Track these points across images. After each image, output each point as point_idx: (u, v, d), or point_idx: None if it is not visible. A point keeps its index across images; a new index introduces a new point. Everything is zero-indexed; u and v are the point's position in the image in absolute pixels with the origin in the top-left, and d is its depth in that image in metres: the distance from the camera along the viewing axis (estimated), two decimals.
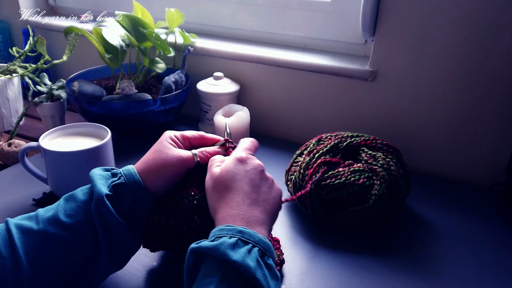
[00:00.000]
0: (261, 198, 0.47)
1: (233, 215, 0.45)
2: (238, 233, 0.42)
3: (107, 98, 0.87)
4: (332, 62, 0.86)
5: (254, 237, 0.42)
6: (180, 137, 0.55)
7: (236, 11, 1.02)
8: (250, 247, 0.41)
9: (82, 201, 0.48)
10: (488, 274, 0.58)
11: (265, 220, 0.46)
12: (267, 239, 0.44)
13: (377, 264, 0.59)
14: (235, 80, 0.97)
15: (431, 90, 0.78)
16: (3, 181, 0.77)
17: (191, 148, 0.56)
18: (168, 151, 0.52)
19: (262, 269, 0.40)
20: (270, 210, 0.48)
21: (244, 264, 0.39)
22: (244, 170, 0.48)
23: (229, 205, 0.46)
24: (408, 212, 0.71)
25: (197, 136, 0.56)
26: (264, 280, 0.40)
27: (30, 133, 0.98)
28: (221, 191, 0.47)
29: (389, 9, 0.76)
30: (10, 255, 0.44)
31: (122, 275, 0.56)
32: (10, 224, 0.46)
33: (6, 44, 1.29)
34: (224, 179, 0.48)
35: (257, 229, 0.44)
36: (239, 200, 0.46)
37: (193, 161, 0.52)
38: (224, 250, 0.40)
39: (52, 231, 0.46)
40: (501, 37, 0.70)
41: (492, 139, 0.76)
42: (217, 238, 0.42)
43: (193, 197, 0.52)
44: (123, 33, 0.88)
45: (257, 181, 0.48)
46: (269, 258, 0.43)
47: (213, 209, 0.48)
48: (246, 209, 0.45)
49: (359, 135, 0.70)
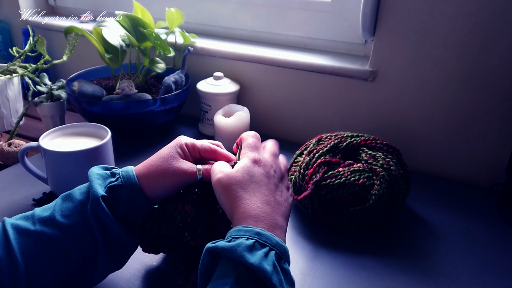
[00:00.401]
0: (278, 202, 0.47)
1: (252, 216, 0.44)
2: (255, 235, 0.41)
3: (107, 98, 0.87)
4: (332, 62, 0.86)
5: (272, 240, 0.42)
6: (190, 147, 0.53)
7: (236, 11, 1.02)
8: (267, 250, 0.41)
9: (79, 201, 0.48)
10: (488, 274, 0.58)
11: (283, 223, 0.46)
12: (284, 243, 0.43)
13: (377, 264, 0.59)
14: (235, 80, 0.97)
15: (431, 90, 0.78)
16: (3, 181, 0.77)
17: (201, 159, 0.54)
18: (172, 162, 0.50)
19: (278, 274, 0.40)
20: (286, 214, 0.47)
21: (261, 268, 0.39)
22: (260, 173, 0.48)
23: (249, 206, 0.45)
24: (408, 212, 0.71)
25: (208, 150, 0.53)
26: (280, 286, 0.39)
27: (30, 133, 0.98)
28: (237, 190, 0.46)
29: (389, 9, 0.76)
30: (6, 256, 0.43)
31: (122, 275, 0.56)
32: (6, 225, 0.46)
33: (6, 44, 1.29)
34: (241, 180, 0.47)
35: (275, 232, 0.44)
36: (257, 202, 0.45)
37: (195, 177, 0.51)
38: (241, 252, 0.39)
39: (49, 231, 0.45)
40: (501, 37, 0.70)
41: (492, 139, 0.76)
42: (234, 239, 0.41)
43: (186, 213, 0.51)
44: (123, 33, 0.88)
45: (276, 184, 0.49)
46: (285, 263, 0.42)
47: (229, 208, 0.47)
48: (266, 211, 0.45)
49: (359, 135, 0.70)
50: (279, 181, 0.50)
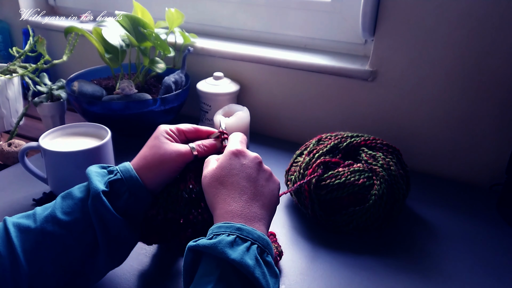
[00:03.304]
0: (259, 192, 0.47)
1: (230, 212, 0.44)
2: (236, 231, 0.42)
3: (107, 98, 0.87)
4: (332, 62, 0.86)
5: (253, 234, 0.42)
6: (175, 131, 0.55)
7: (236, 11, 1.02)
8: (248, 244, 0.41)
9: (79, 198, 0.48)
10: (488, 274, 0.58)
11: (264, 215, 0.46)
12: (266, 236, 0.44)
13: (377, 264, 0.59)
14: (235, 80, 0.97)
15: (431, 90, 0.78)
16: (3, 181, 0.77)
17: (187, 141, 0.56)
18: (166, 146, 0.52)
19: (261, 267, 0.40)
20: (268, 205, 0.47)
21: (243, 263, 0.39)
22: (240, 164, 0.48)
23: (227, 202, 0.45)
24: (408, 212, 0.71)
25: (192, 129, 0.56)
26: (263, 279, 0.39)
27: (30, 133, 0.98)
28: (217, 187, 0.47)
29: (389, 9, 0.76)
30: (8, 254, 0.44)
31: (121, 274, 0.56)
32: (8, 223, 0.46)
33: (6, 44, 1.29)
34: (220, 175, 0.47)
35: (256, 225, 0.44)
36: (236, 196, 0.45)
37: (191, 155, 0.52)
38: (223, 248, 0.40)
39: (50, 229, 0.46)
40: (502, 37, 0.70)
41: (492, 139, 0.76)
42: (215, 236, 0.41)
43: (191, 190, 0.52)
44: (123, 33, 0.88)
45: (254, 174, 0.48)
46: (268, 255, 0.42)
47: (211, 206, 0.48)
48: (244, 205, 0.45)
49: (359, 135, 0.70)
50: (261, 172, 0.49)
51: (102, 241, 0.47)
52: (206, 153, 0.54)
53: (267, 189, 0.48)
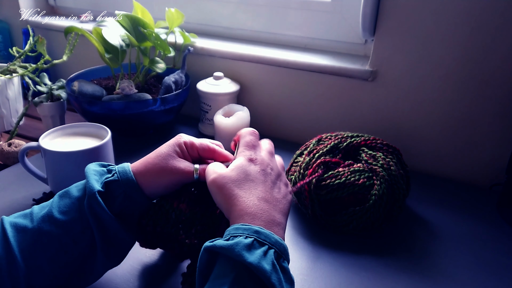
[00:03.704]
0: (276, 198, 0.46)
1: (249, 214, 0.43)
2: (254, 233, 0.41)
3: (107, 98, 0.87)
4: (332, 62, 0.86)
5: (271, 238, 0.41)
6: (189, 146, 0.53)
7: (236, 11, 1.02)
8: (266, 248, 0.40)
9: (76, 198, 0.48)
10: (488, 274, 0.58)
11: (281, 220, 0.45)
12: (283, 241, 0.43)
13: (377, 264, 0.59)
14: (235, 80, 0.97)
15: (431, 90, 0.78)
16: (3, 181, 0.77)
17: (199, 159, 0.54)
18: (170, 160, 0.50)
19: (278, 273, 0.39)
20: (284, 210, 0.47)
21: (260, 267, 0.38)
22: (255, 171, 0.47)
23: (245, 203, 0.44)
24: (408, 212, 0.71)
25: (207, 149, 0.53)
26: (279, 285, 0.39)
27: (30, 133, 0.98)
28: (233, 189, 0.46)
29: (389, 9, 0.76)
30: (5, 254, 0.44)
31: (121, 274, 0.56)
32: (5, 223, 0.46)
33: (6, 44, 1.29)
34: (237, 178, 0.46)
35: (274, 230, 0.43)
36: (254, 200, 0.45)
37: (192, 176, 0.51)
38: (240, 251, 0.39)
39: (47, 228, 0.46)
40: (502, 37, 0.70)
41: (492, 139, 0.76)
42: (233, 237, 0.41)
43: (181, 212, 0.50)
44: (123, 33, 0.88)
45: (274, 181, 0.48)
46: (285, 261, 0.42)
47: (225, 207, 0.46)
48: (263, 209, 0.44)
49: (359, 135, 0.70)
50: (276, 179, 0.49)
51: (99, 241, 0.47)
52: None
53: (283, 195, 0.48)
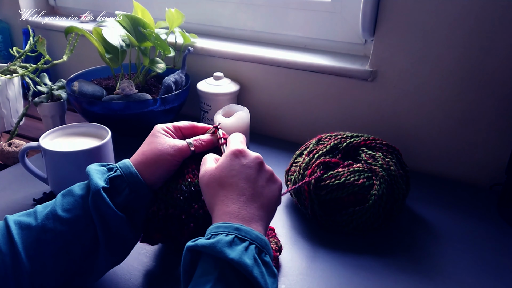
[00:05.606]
0: (258, 193, 0.47)
1: (229, 212, 0.45)
2: (234, 231, 0.42)
3: (107, 98, 0.87)
4: (332, 62, 0.86)
5: (251, 234, 0.42)
6: (172, 128, 0.56)
7: (236, 11, 1.02)
8: (247, 244, 0.41)
9: (80, 196, 0.48)
10: (488, 274, 0.58)
11: (262, 216, 0.46)
12: (264, 236, 0.44)
13: (377, 264, 0.59)
14: (235, 80, 0.97)
15: (431, 90, 0.78)
16: (3, 181, 0.77)
17: (183, 138, 0.56)
18: (164, 142, 0.53)
19: (259, 267, 0.40)
20: (267, 205, 0.47)
21: (241, 262, 0.39)
22: (240, 164, 0.48)
23: (225, 203, 0.46)
24: (408, 212, 0.71)
25: (188, 126, 0.57)
26: (262, 278, 0.40)
27: (30, 133, 0.98)
28: (216, 188, 0.47)
29: (389, 9, 0.76)
30: (9, 251, 0.44)
31: (122, 275, 0.56)
32: (9, 221, 0.46)
33: (6, 44, 1.29)
34: (220, 176, 0.47)
35: (254, 226, 0.44)
36: (234, 197, 0.46)
37: (189, 150, 0.53)
38: (221, 248, 0.40)
39: (50, 226, 0.46)
40: (502, 37, 0.70)
41: (492, 139, 0.76)
42: (214, 236, 0.42)
43: (190, 183, 0.53)
44: (123, 33, 0.88)
45: (253, 175, 0.48)
46: (266, 255, 0.42)
47: (209, 205, 0.48)
48: (242, 206, 0.45)
49: (359, 135, 0.70)
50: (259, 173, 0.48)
51: (102, 238, 0.47)
52: (203, 148, 0.55)
53: (267, 190, 0.48)
